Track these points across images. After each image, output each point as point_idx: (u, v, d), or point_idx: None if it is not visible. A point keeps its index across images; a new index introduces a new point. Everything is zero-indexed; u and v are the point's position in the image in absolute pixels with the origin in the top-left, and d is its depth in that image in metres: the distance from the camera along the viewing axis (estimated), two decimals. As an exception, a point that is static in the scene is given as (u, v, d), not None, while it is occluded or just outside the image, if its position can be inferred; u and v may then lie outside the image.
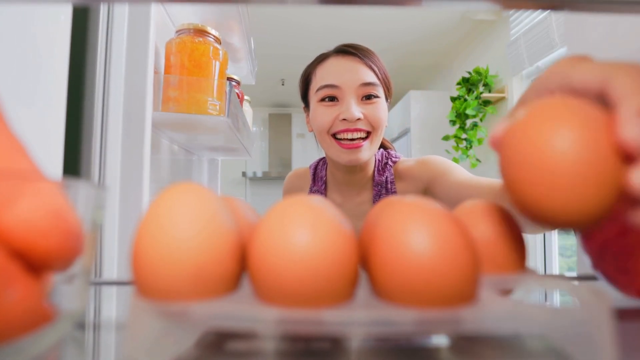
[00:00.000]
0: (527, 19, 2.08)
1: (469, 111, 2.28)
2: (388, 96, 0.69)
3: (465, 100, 2.34)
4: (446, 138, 2.44)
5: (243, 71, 1.12)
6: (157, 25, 0.64)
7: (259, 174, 3.98)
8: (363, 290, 0.19)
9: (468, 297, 0.17)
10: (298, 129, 4.27)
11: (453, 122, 2.40)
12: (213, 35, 0.68)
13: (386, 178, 0.71)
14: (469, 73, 2.40)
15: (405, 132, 2.95)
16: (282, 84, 3.56)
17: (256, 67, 1.16)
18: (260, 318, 0.16)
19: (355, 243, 0.18)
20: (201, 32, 0.66)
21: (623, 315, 0.23)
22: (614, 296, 0.25)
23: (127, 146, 0.57)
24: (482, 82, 2.37)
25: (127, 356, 0.16)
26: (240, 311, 0.17)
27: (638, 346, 0.20)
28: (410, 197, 0.20)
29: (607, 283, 0.25)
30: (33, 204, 0.15)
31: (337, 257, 0.17)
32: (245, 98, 1.00)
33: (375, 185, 0.71)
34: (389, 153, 0.74)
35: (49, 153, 0.42)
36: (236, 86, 0.91)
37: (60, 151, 0.43)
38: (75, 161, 0.55)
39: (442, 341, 0.20)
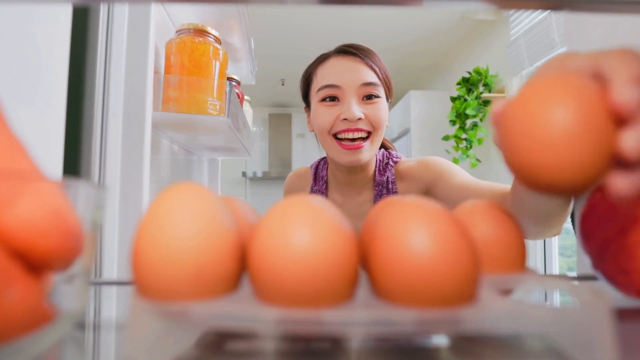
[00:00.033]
0: (527, 19, 2.08)
1: (469, 111, 2.28)
2: (389, 96, 0.69)
3: (465, 100, 2.34)
4: (446, 138, 2.44)
5: (243, 71, 1.12)
6: (157, 25, 0.64)
7: (259, 174, 3.98)
8: (363, 290, 0.19)
9: (468, 297, 0.17)
10: (298, 129, 4.27)
11: (453, 122, 2.40)
12: (213, 35, 0.68)
13: (387, 178, 0.71)
14: (469, 73, 2.40)
15: (405, 132, 2.95)
16: (282, 84, 3.56)
17: (256, 67, 1.16)
18: (260, 318, 0.16)
19: (355, 243, 0.18)
20: (201, 32, 0.66)
21: (623, 315, 0.23)
22: (614, 296, 0.25)
23: (127, 146, 0.57)
24: (482, 82, 2.37)
25: (127, 356, 0.16)
26: (240, 311, 0.17)
27: (638, 346, 0.20)
28: (410, 197, 0.20)
29: (607, 283, 0.25)
30: (33, 204, 0.15)
31: (337, 257, 0.17)
32: (245, 98, 1.00)
33: (376, 185, 0.71)
34: (390, 153, 0.75)
35: (49, 153, 0.42)
36: (236, 86, 0.91)
37: (60, 151, 0.43)
38: (75, 161, 0.55)
39: (442, 341, 0.20)
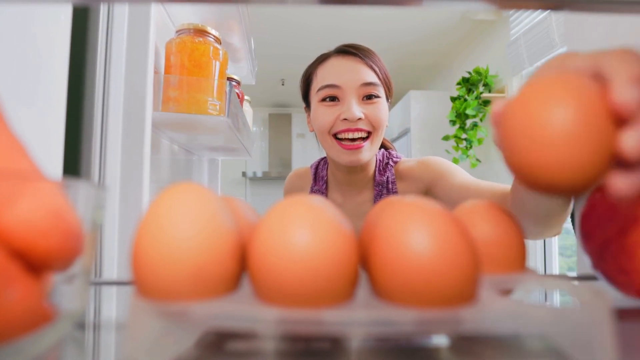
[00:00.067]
0: (527, 19, 2.08)
1: (469, 111, 2.28)
2: (389, 96, 0.69)
3: (465, 100, 2.34)
4: (446, 138, 2.44)
5: (243, 71, 1.12)
6: (157, 25, 0.64)
7: (259, 174, 3.98)
8: (363, 290, 0.19)
9: (468, 297, 0.17)
10: (298, 129, 4.27)
11: (453, 122, 2.40)
12: (213, 35, 0.68)
13: (387, 178, 0.71)
14: (469, 73, 2.40)
15: (405, 132, 2.95)
16: (282, 84, 3.56)
17: (256, 67, 1.16)
18: (260, 318, 0.16)
19: (355, 243, 0.18)
20: (201, 32, 0.66)
21: (623, 315, 0.23)
22: (614, 296, 0.25)
23: (127, 146, 0.57)
24: (482, 82, 2.37)
25: (127, 356, 0.16)
26: (240, 311, 0.17)
27: (638, 346, 0.20)
28: (410, 197, 0.20)
29: (607, 283, 0.25)
30: (33, 204, 0.15)
31: (337, 257, 0.17)
32: (245, 98, 1.00)
33: (376, 185, 0.71)
34: (390, 153, 0.75)
35: (49, 153, 0.42)
36: (236, 86, 0.91)
37: (60, 151, 0.43)
38: (75, 161, 0.55)
39: (442, 341, 0.20)
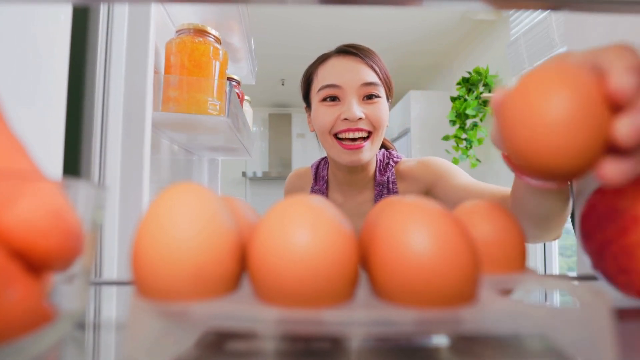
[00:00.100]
0: (527, 19, 2.08)
1: (469, 111, 2.28)
2: (389, 96, 0.69)
3: (465, 100, 2.34)
4: (446, 138, 2.44)
5: (243, 71, 1.12)
6: (157, 25, 0.64)
7: (259, 174, 3.98)
8: (363, 290, 0.19)
9: (468, 297, 0.17)
10: (298, 129, 4.27)
11: (453, 122, 2.40)
12: (213, 35, 0.68)
13: (388, 178, 0.71)
14: (469, 73, 2.40)
15: (405, 132, 2.95)
16: (282, 84, 3.56)
17: (256, 67, 1.16)
18: (260, 318, 0.16)
19: (355, 243, 0.18)
20: (201, 32, 0.66)
21: (623, 315, 0.23)
22: (614, 296, 0.25)
23: (127, 146, 0.57)
24: (482, 82, 2.37)
25: (127, 356, 0.16)
26: (240, 311, 0.17)
27: (638, 346, 0.20)
28: (410, 197, 0.20)
29: (607, 283, 0.25)
30: (33, 204, 0.15)
31: (337, 257, 0.17)
32: (245, 98, 1.00)
33: (376, 185, 0.71)
34: (391, 153, 0.75)
35: (49, 153, 0.42)
36: (236, 86, 0.91)
37: (60, 151, 0.43)
38: (75, 161, 0.55)
39: (442, 341, 0.20)
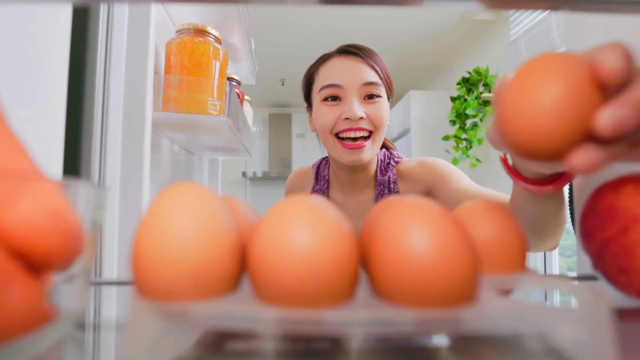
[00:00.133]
0: (527, 19, 2.07)
1: (469, 111, 2.28)
2: (390, 96, 0.69)
3: (465, 100, 2.34)
4: (446, 138, 2.44)
5: (243, 71, 1.12)
6: (157, 25, 0.64)
7: (259, 174, 3.98)
8: (363, 290, 0.19)
9: (468, 297, 0.17)
10: (298, 129, 4.27)
11: (453, 122, 2.40)
12: (213, 35, 0.68)
13: (389, 178, 0.71)
14: (469, 73, 2.40)
15: (405, 132, 2.95)
16: (282, 84, 3.56)
17: (256, 67, 1.16)
18: (260, 318, 0.16)
19: (355, 243, 0.18)
20: (201, 32, 0.66)
21: (623, 315, 0.23)
22: (614, 296, 0.25)
23: (127, 146, 0.57)
24: (482, 82, 2.36)
25: (127, 356, 0.16)
26: (240, 311, 0.17)
27: (638, 346, 0.20)
28: (410, 197, 0.20)
29: (607, 283, 0.25)
30: (33, 204, 0.15)
31: (337, 257, 0.17)
32: (245, 98, 1.00)
33: (377, 184, 0.71)
34: (392, 153, 0.75)
35: (49, 153, 0.42)
36: (236, 86, 0.91)
37: (60, 151, 0.43)
38: (75, 161, 0.55)
39: (442, 341, 0.20)
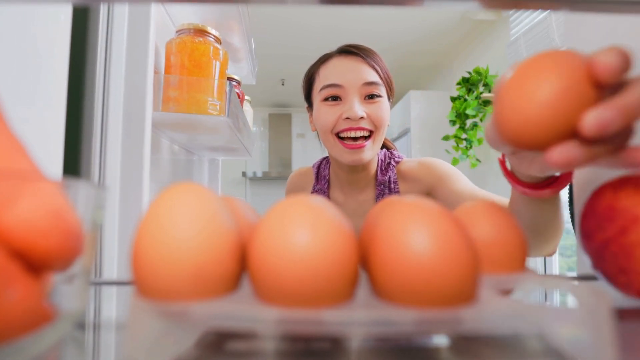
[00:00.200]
0: (527, 19, 2.07)
1: (469, 111, 2.27)
2: (390, 95, 0.69)
3: (465, 100, 2.34)
4: (446, 138, 2.44)
5: (243, 71, 1.12)
6: (157, 25, 0.64)
7: (259, 174, 3.98)
8: (363, 290, 0.19)
9: (468, 297, 0.17)
10: (298, 129, 4.27)
11: (453, 122, 2.40)
12: (213, 35, 0.68)
13: (389, 178, 0.71)
14: (469, 73, 2.40)
15: (405, 132, 2.95)
16: (282, 84, 3.56)
17: (256, 67, 1.16)
18: (260, 318, 0.16)
19: (355, 243, 0.18)
20: (201, 32, 0.66)
21: (623, 315, 0.23)
22: (614, 296, 0.25)
23: (127, 146, 0.57)
24: (482, 82, 2.36)
25: (127, 356, 0.16)
26: (240, 311, 0.17)
27: (638, 346, 0.20)
28: (410, 197, 0.20)
29: (607, 283, 0.25)
30: (33, 204, 0.15)
31: (337, 257, 0.17)
32: (245, 98, 1.00)
33: (378, 184, 0.71)
34: (392, 153, 0.75)
35: (49, 153, 0.42)
36: (236, 86, 0.91)
37: (60, 151, 0.43)
38: (75, 161, 0.55)
39: (442, 341, 0.20)
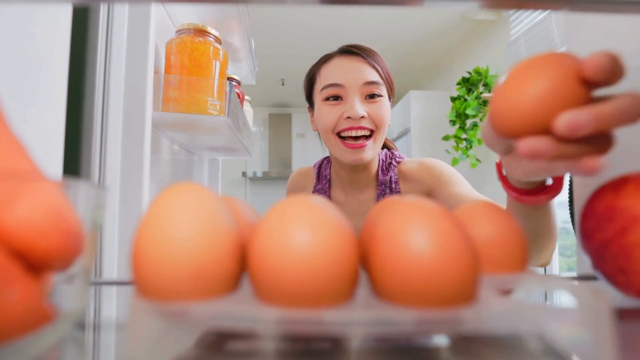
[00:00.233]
0: (527, 19, 2.07)
1: (469, 111, 2.27)
2: (391, 95, 0.70)
3: (465, 100, 2.34)
4: (446, 138, 2.44)
5: (243, 71, 1.12)
6: (157, 25, 0.64)
7: (259, 174, 3.98)
8: (363, 290, 0.19)
9: (468, 297, 0.17)
10: (298, 129, 4.26)
11: (453, 122, 2.40)
12: (213, 35, 0.68)
13: (390, 178, 0.71)
14: (469, 73, 2.40)
15: (405, 132, 2.95)
16: (282, 84, 3.56)
17: (256, 67, 1.16)
18: (260, 318, 0.16)
19: (355, 243, 0.18)
20: (201, 32, 0.66)
21: (623, 315, 0.23)
22: (614, 296, 0.25)
23: (127, 146, 0.57)
24: (482, 82, 2.36)
25: (127, 356, 0.16)
26: (240, 311, 0.17)
27: (638, 346, 0.20)
28: (410, 197, 0.20)
29: (607, 283, 0.25)
30: (33, 204, 0.15)
31: (337, 257, 0.17)
32: (245, 98, 1.00)
33: (379, 184, 0.71)
34: (393, 153, 0.75)
35: (49, 153, 0.42)
36: (236, 86, 0.91)
37: (60, 151, 0.43)
38: (75, 161, 0.55)
39: (442, 341, 0.20)
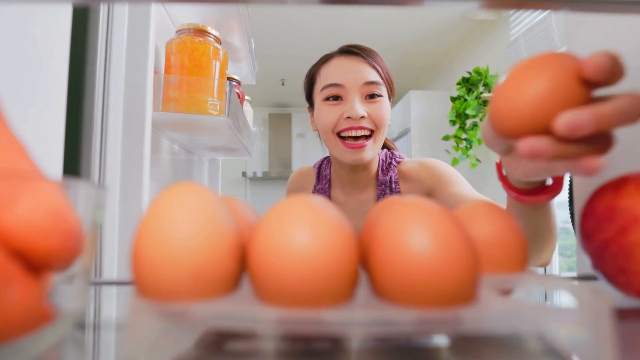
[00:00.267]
0: (527, 19, 2.07)
1: (469, 111, 2.27)
2: (391, 95, 0.70)
3: (465, 100, 2.34)
4: (446, 138, 2.44)
5: (243, 71, 1.12)
6: (157, 25, 0.64)
7: (259, 174, 3.98)
8: (363, 290, 0.19)
9: (468, 297, 0.17)
10: (298, 129, 4.26)
11: (453, 122, 2.40)
12: (213, 35, 0.68)
13: (390, 178, 0.71)
14: (469, 73, 2.40)
15: (405, 132, 2.95)
16: (282, 84, 3.56)
17: (256, 67, 1.16)
18: (260, 318, 0.16)
19: (355, 243, 0.18)
20: (201, 32, 0.66)
21: (623, 315, 0.23)
22: (614, 296, 0.25)
23: (127, 146, 0.57)
24: (482, 82, 2.36)
25: (127, 356, 0.16)
26: (240, 311, 0.17)
27: (638, 346, 0.20)
28: (410, 197, 0.20)
29: (607, 283, 0.25)
30: (33, 204, 0.15)
31: (337, 257, 0.17)
32: (245, 98, 1.00)
33: (379, 184, 0.72)
34: (393, 153, 0.75)
35: (49, 153, 0.42)
36: (237, 86, 0.91)
37: (60, 151, 0.43)
38: (75, 161, 0.55)
39: (442, 341, 0.20)
